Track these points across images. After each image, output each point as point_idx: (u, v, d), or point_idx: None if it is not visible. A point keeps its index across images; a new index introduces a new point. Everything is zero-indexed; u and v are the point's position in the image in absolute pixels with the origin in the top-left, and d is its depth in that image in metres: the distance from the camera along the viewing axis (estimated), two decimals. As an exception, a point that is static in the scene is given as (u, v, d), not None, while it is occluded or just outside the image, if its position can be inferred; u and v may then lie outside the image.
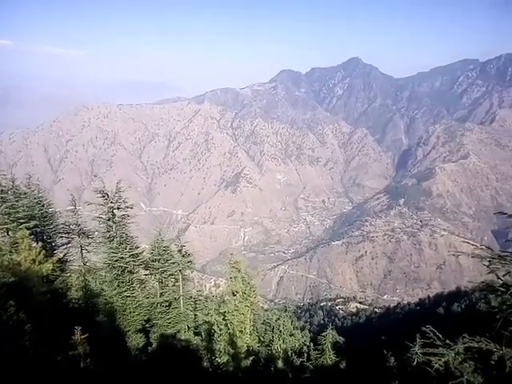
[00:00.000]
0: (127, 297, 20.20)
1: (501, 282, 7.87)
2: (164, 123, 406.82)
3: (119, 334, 17.94)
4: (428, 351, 8.54)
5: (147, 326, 21.31)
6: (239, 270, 21.68)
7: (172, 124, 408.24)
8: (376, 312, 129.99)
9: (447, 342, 8.38)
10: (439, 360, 8.14)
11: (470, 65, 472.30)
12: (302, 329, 58.48)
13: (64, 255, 20.64)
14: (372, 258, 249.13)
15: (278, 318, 28.31)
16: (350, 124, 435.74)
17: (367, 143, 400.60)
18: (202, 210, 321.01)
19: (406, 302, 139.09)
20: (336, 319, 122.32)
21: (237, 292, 21.35)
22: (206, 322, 24.29)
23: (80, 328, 8.94)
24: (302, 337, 37.87)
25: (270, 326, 28.89)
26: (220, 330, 20.36)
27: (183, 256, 24.33)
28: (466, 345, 8.05)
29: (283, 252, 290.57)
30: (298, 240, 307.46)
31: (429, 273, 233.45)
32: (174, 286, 24.23)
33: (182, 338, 20.96)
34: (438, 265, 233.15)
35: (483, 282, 9.02)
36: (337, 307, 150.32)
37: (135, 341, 18.35)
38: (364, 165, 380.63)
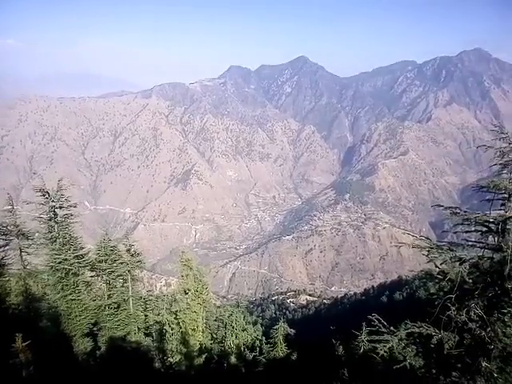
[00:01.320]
0: (72, 300, 19.26)
1: (438, 269, 8.48)
2: (109, 118, 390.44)
3: (65, 339, 17.10)
4: (374, 338, 8.99)
5: (95, 329, 20.47)
6: (191, 268, 21.48)
7: (118, 119, 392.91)
8: (325, 303, 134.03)
9: (391, 328, 8.86)
10: (384, 346, 8.58)
11: (409, 66, 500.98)
12: (255, 323, 59.01)
13: (1, 258, 19.23)
14: (320, 252, 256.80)
15: (231, 314, 28.41)
16: (298, 121, 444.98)
17: (315, 140, 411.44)
18: (152, 208, 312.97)
19: (352, 293, 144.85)
20: (287, 312, 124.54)
21: (189, 290, 21.15)
22: (157, 322, 23.82)
23: (21, 335, 8.42)
24: (255, 331, 38.32)
25: (222, 323, 28.91)
26: (172, 330, 20.08)
27: (132, 255, 23.62)
28: (409, 330, 8.56)
29: (235, 248, 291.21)
30: (249, 236, 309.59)
31: (373, 264, 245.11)
32: (122, 286, 23.44)
33: (132, 339, 20.40)
34: (381, 256, 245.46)
35: (422, 271, 9.68)
36: (288, 300, 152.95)
37: (82, 345, 17.57)
38: (312, 161, 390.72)
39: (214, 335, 27.96)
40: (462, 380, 7.96)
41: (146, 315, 25.12)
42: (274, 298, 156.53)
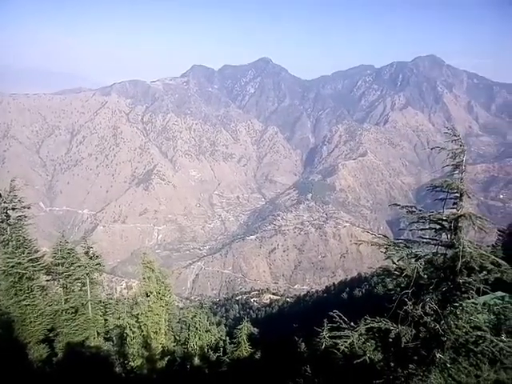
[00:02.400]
0: (26, 305, 18.35)
1: (395, 266, 8.82)
2: (66, 115, 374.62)
3: (19, 347, 16.26)
4: (335, 334, 9.22)
5: (51, 335, 19.61)
6: (153, 270, 21.08)
7: (75, 116, 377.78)
8: (288, 302, 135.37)
9: (352, 324, 9.12)
10: (345, 342, 8.81)
11: (367, 70, 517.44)
12: (218, 324, 58.81)
13: None
14: (284, 251, 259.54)
15: (194, 316, 28.15)
16: (261, 122, 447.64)
17: (278, 141, 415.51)
18: (112, 209, 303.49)
19: (314, 290, 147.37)
20: (251, 311, 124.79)
21: (151, 292, 20.74)
22: (117, 326, 23.18)
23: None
24: (219, 332, 38.17)
25: (185, 324, 28.59)
26: (133, 333, 19.61)
27: (90, 258, 22.85)
28: (368, 326, 8.84)
29: (199, 249, 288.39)
30: (213, 236, 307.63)
31: (334, 262, 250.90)
32: (80, 290, 22.61)
33: (92, 344, 19.74)
34: (342, 254, 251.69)
35: (380, 268, 10.03)
36: (251, 300, 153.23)
37: (37, 352, 16.79)
38: (275, 161, 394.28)
39: (177, 337, 27.61)
40: (418, 371, 8.34)
41: (105, 319, 24.38)
42: (237, 298, 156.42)
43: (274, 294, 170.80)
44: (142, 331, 19.86)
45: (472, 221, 7.41)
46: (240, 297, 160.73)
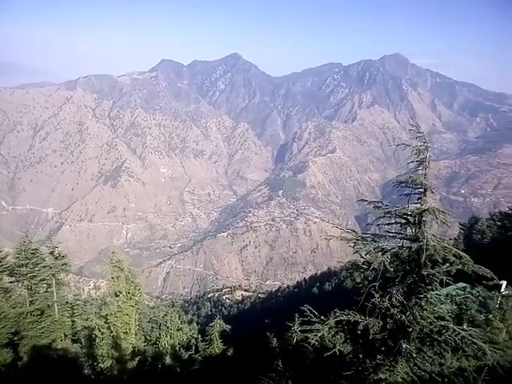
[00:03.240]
0: (-13, 309, 17.56)
1: (363, 260, 9.06)
2: (28, 110, 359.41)
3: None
4: (306, 328, 9.37)
5: (15, 339, 18.87)
6: (122, 269, 20.68)
7: (38, 112, 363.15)
8: (260, 298, 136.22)
9: (322, 318, 9.30)
10: (315, 335, 8.97)
11: (335, 68, 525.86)
12: (190, 322, 58.52)
13: None
14: (255, 247, 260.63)
15: (165, 315, 27.88)
16: (232, 118, 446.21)
17: (249, 137, 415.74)
18: (78, 207, 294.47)
19: (285, 286, 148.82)
20: (223, 309, 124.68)
21: (120, 292, 20.34)
22: (85, 327, 22.61)
23: None
24: (190, 330, 37.95)
25: (156, 324, 28.27)
26: (102, 334, 19.19)
27: (56, 258, 22.13)
28: (337, 319, 9.04)
29: (169, 247, 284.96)
30: (184, 234, 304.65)
31: (304, 257, 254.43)
32: (46, 292, 21.88)
33: (59, 347, 19.16)
34: (312, 249, 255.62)
35: (349, 262, 10.28)
36: (223, 297, 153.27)
37: (1, 357, 16.13)
38: (246, 158, 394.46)
39: (148, 337, 27.24)
40: (386, 362, 8.62)
41: (73, 321, 23.74)
42: (209, 296, 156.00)
43: (246, 290, 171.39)
44: (112, 332, 19.46)
45: (435, 215, 7.70)
46: (212, 294, 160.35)
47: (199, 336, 34.88)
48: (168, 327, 26.71)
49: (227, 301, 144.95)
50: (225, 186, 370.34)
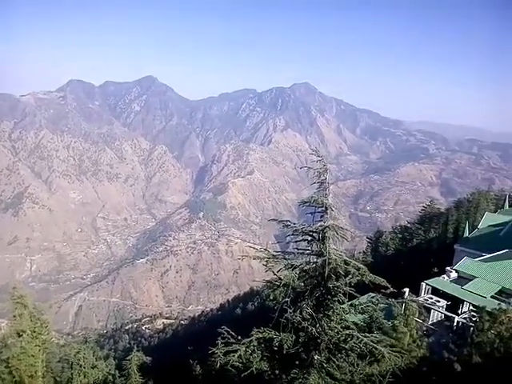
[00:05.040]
0: None
1: (276, 277, 9.58)
2: None
3: None
4: (225, 350, 9.51)
5: None
6: (25, 306, 18.84)
7: None
8: (182, 324, 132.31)
9: (239, 338, 9.52)
10: (233, 356, 9.16)
11: (250, 93, 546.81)
12: (107, 358, 54.93)
13: None
14: (177, 272, 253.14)
15: (78, 352, 25.81)
16: (149, 140, 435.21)
17: (167, 160, 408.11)
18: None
19: (209, 310, 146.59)
20: (143, 340, 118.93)
21: (23, 331, 18.46)
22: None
23: None
24: (107, 366, 35.54)
25: (68, 363, 25.99)
26: (3, 381, 17.15)
27: None
28: (257, 336, 9.36)
29: (81, 278, 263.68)
30: (98, 263, 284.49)
31: (227, 278, 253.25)
32: None
33: None
34: (235, 270, 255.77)
35: (264, 280, 10.74)
36: (143, 327, 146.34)
37: None
38: (165, 181, 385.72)
39: (58, 378, 24.88)
40: (299, 375, 9.09)
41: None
42: (127, 327, 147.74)
43: (167, 318, 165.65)
44: (14, 377, 17.48)
45: (336, 231, 8.50)
46: (130, 325, 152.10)
47: (116, 372, 32.79)
48: (81, 366, 24.75)
49: (147, 331, 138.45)
50: (143, 210, 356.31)
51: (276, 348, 9.46)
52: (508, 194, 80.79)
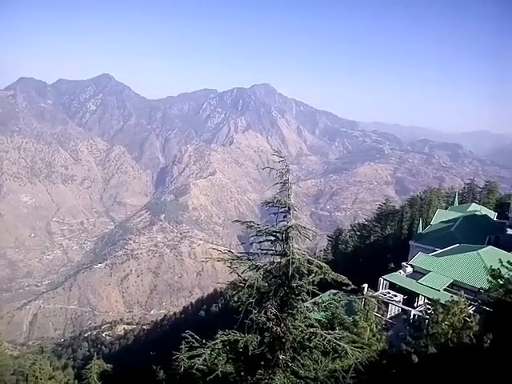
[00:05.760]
0: None
1: (241, 278, 9.53)
2: None
3: None
4: (190, 354, 9.37)
5: None
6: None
7: None
8: (144, 329, 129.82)
9: (204, 342, 9.40)
10: (198, 360, 9.03)
11: (211, 94, 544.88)
12: (65, 367, 53.25)
13: None
14: (137, 276, 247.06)
15: (33, 363, 24.64)
16: (106, 141, 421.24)
17: (126, 161, 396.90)
18: None
19: (172, 313, 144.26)
20: (103, 347, 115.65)
21: (-30, 346, 17.35)
22: None
23: None
24: (65, 376, 34.25)
25: (23, 375, 24.73)
26: None
27: None
28: (221, 339, 9.27)
29: (36, 285, 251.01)
30: (53, 269, 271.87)
31: (190, 281, 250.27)
32: None
33: None
34: (198, 272, 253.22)
35: (228, 281, 10.68)
36: (103, 334, 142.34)
37: None
38: (124, 182, 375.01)
39: (10, 393, 23.59)
40: (265, 375, 9.11)
41: None
42: (86, 335, 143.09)
43: (128, 323, 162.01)
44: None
45: (299, 231, 8.60)
46: (89, 333, 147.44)
47: (76, 382, 31.60)
48: (37, 377, 23.63)
49: (107, 338, 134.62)
50: (100, 213, 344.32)
51: (241, 350, 9.42)
52: (457, 191, 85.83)
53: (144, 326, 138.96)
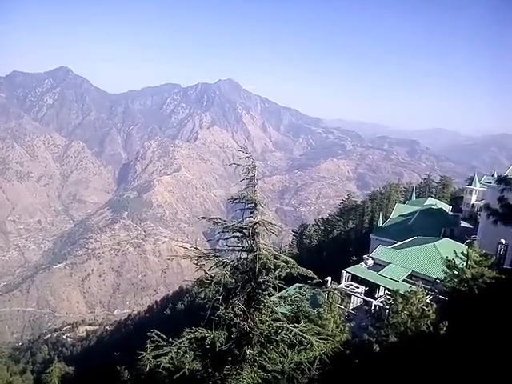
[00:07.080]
0: None
1: (207, 275, 9.51)
2: None
3: None
4: (157, 353, 9.26)
5: None
6: None
7: None
8: (107, 330, 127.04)
9: (170, 340, 9.32)
10: (164, 358, 8.95)
11: (175, 88, 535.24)
12: (23, 372, 51.47)
13: None
14: (99, 276, 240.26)
15: (-14, 371, 23.35)
16: (64, 136, 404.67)
17: (85, 157, 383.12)
18: None
19: (136, 313, 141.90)
20: (64, 349, 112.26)
21: None
22: None
23: None
24: (24, 381, 32.93)
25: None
26: None
27: None
28: (188, 336, 9.22)
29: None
30: (9, 270, 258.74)
31: (155, 279, 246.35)
32: None
33: None
34: (163, 270, 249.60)
35: (194, 279, 10.62)
36: (64, 336, 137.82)
37: None
38: (84, 179, 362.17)
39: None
40: (232, 371, 9.17)
41: None
42: (46, 338, 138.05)
43: (90, 324, 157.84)
44: None
45: (265, 226, 8.68)
46: (49, 335, 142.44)
47: (34, 387, 30.36)
48: (-10, 386, 22.45)
49: (69, 340, 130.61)
50: (59, 212, 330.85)
51: (208, 346, 9.41)
52: (414, 186, 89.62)
53: (107, 327, 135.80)
